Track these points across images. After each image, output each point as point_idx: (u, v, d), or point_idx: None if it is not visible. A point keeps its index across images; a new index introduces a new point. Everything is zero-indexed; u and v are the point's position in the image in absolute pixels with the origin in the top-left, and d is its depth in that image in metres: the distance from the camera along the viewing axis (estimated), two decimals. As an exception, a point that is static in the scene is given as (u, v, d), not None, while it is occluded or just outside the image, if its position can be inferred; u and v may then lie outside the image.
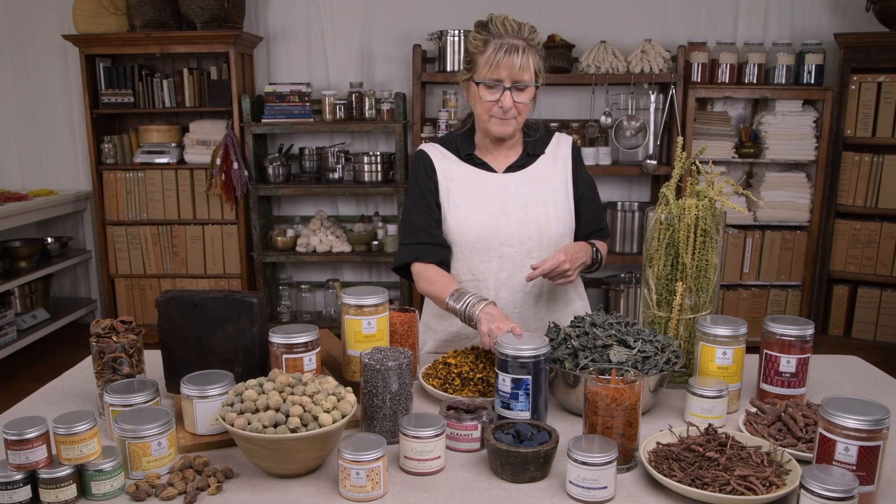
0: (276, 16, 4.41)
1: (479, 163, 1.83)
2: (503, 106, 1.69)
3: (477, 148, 1.85)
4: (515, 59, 1.65)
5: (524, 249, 1.80)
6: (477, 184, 1.81)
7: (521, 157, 1.84)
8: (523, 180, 1.82)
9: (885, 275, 4.10)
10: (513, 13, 1.80)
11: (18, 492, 1.14)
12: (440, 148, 1.87)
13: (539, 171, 1.84)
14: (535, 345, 1.36)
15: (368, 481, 1.16)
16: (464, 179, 1.82)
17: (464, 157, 1.84)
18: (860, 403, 1.15)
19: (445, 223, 1.82)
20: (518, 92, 1.69)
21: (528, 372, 1.35)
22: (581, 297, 1.98)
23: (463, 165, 1.83)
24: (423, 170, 1.84)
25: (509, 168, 1.83)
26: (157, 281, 4.34)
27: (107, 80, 4.19)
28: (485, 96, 1.70)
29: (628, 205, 4.29)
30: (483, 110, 1.73)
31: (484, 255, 1.80)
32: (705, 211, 1.55)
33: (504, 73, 1.66)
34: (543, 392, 1.38)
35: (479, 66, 1.69)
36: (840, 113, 3.99)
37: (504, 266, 1.80)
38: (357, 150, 4.47)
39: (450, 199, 1.81)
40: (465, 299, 1.63)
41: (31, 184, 4.61)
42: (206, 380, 1.36)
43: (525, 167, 1.83)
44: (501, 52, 1.65)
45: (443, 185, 1.83)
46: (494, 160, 1.84)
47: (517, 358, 1.35)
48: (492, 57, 1.66)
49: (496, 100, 1.69)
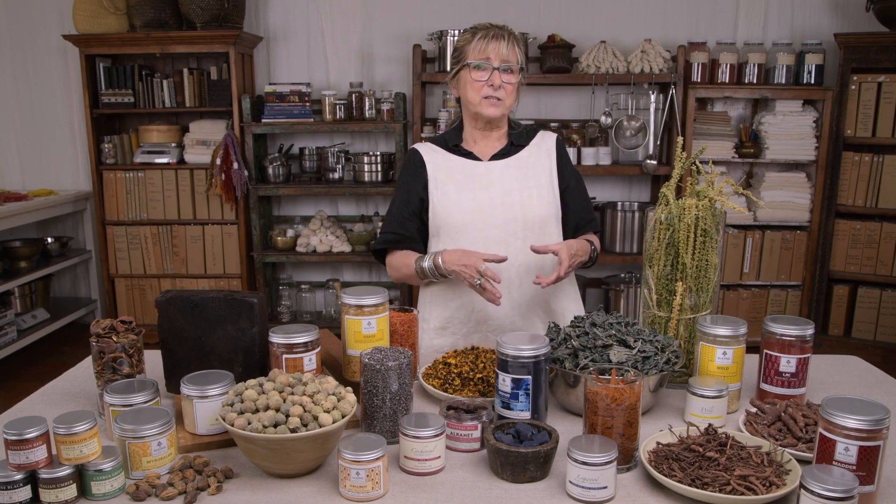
0: (276, 16, 4.40)
1: (466, 153, 1.94)
2: (493, 83, 1.80)
3: (464, 140, 1.96)
4: (502, 43, 1.80)
5: (509, 230, 1.88)
6: (463, 171, 1.92)
7: (505, 147, 1.94)
8: (508, 167, 1.92)
9: (885, 275, 4.10)
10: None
11: (18, 492, 1.14)
12: (430, 144, 1.99)
13: (523, 160, 1.94)
14: (535, 345, 1.36)
15: (368, 481, 1.16)
16: (451, 168, 1.92)
17: (451, 147, 1.95)
18: (860, 403, 1.15)
19: (433, 208, 1.91)
20: (505, 73, 1.81)
21: (528, 372, 1.35)
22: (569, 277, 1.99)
23: (450, 156, 1.94)
24: (412, 166, 1.95)
25: (494, 157, 1.93)
26: (157, 281, 4.34)
27: (107, 80, 4.19)
28: (476, 76, 1.81)
29: (628, 205, 4.29)
30: (474, 91, 1.83)
31: (470, 236, 1.88)
32: (705, 211, 1.55)
33: (492, 54, 1.80)
34: (543, 392, 1.38)
35: (468, 53, 1.83)
36: (840, 113, 3.99)
37: (490, 247, 1.86)
38: (357, 150, 4.47)
39: (437, 187, 1.91)
40: (427, 258, 1.83)
41: (31, 184, 4.61)
42: (206, 380, 1.36)
43: (509, 156, 1.94)
44: (488, 38, 1.80)
45: (432, 175, 1.92)
46: (480, 150, 1.94)
47: (517, 358, 1.35)
48: (479, 43, 1.81)
49: (486, 79, 1.80)
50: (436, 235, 1.92)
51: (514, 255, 1.85)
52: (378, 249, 1.98)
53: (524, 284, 1.88)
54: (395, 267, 1.94)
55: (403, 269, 1.91)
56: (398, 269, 1.93)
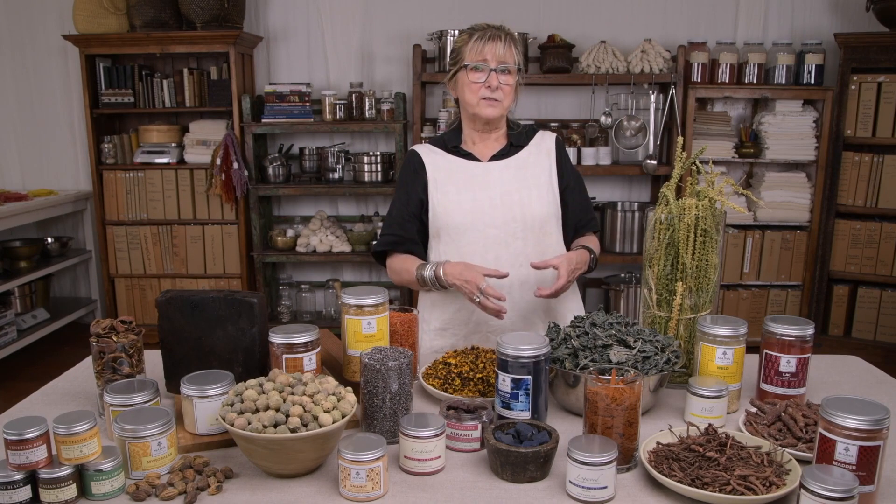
0: (276, 16, 4.40)
1: (465, 154, 1.94)
2: (490, 85, 1.80)
3: (463, 141, 1.95)
4: (499, 44, 1.80)
5: (509, 231, 1.88)
6: (462, 172, 1.91)
7: (504, 148, 1.94)
8: (507, 167, 1.92)
9: (885, 275, 4.10)
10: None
11: (18, 492, 1.14)
12: (429, 146, 1.99)
13: (522, 161, 1.93)
14: (535, 345, 1.36)
15: (368, 481, 1.16)
16: (451, 169, 1.92)
17: (450, 148, 1.94)
18: (860, 403, 1.15)
19: (433, 209, 1.91)
20: (503, 74, 1.81)
21: (528, 372, 1.35)
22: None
23: (450, 157, 1.94)
24: (411, 167, 1.95)
25: (493, 158, 1.93)
26: (157, 281, 4.34)
27: (107, 80, 4.19)
28: (473, 78, 1.82)
29: (628, 205, 4.29)
30: (472, 93, 1.83)
31: (470, 237, 1.88)
32: (705, 211, 1.55)
33: (489, 55, 1.80)
34: (543, 392, 1.38)
35: (465, 54, 1.83)
36: (840, 113, 3.99)
37: (490, 247, 1.87)
38: (357, 150, 4.47)
39: (437, 188, 1.91)
40: (428, 268, 1.81)
41: (31, 184, 4.61)
42: (206, 380, 1.36)
43: (509, 156, 1.93)
44: (485, 39, 1.80)
45: (431, 176, 1.92)
46: (479, 151, 1.94)
47: (517, 358, 1.35)
48: (476, 44, 1.81)
49: (483, 80, 1.80)
50: (436, 236, 1.92)
51: (514, 255, 1.85)
52: (378, 251, 1.98)
53: (525, 287, 1.88)
54: (396, 271, 1.93)
55: (404, 275, 1.90)
56: (398, 273, 1.92)
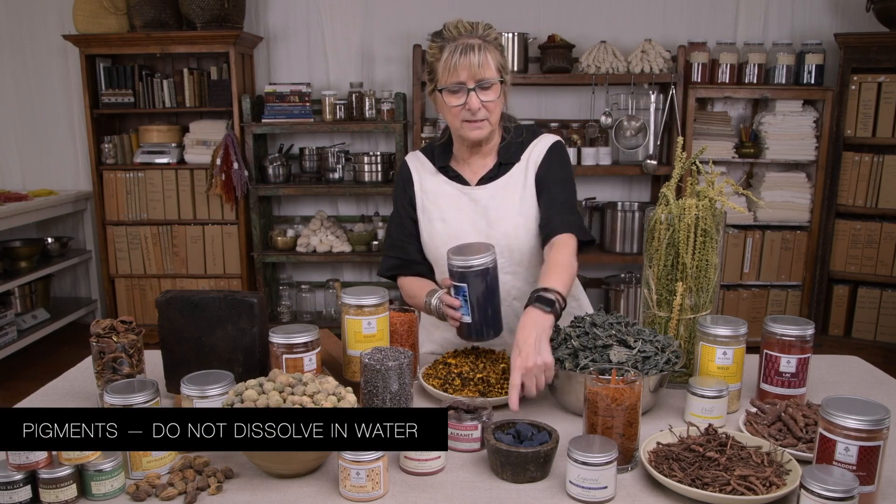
0: (276, 16, 4.41)
1: (454, 175, 1.81)
2: (470, 108, 1.64)
3: (453, 159, 1.83)
4: (473, 57, 1.61)
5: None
6: (448, 198, 1.80)
7: (494, 168, 1.79)
8: (496, 192, 1.78)
9: (885, 275, 4.10)
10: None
11: (18, 492, 1.14)
12: (422, 158, 1.87)
13: (512, 182, 1.79)
14: (466, 255, 1.51)
15: (368, 481, 1.16)
16: (437, 193, 1.82)
17: (438, 168, 1.83)
18: (860, 403, 1.15)
19: (422, 236, 1.84)
20: (483, 91, 1.64)
21: (461, 279, 1.52)
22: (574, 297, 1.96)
23: (438, 178, 1.82)
24: (402, 183, 1.87)
25: (482, 180, 1.79)
26: (157, 281, 4.34)
27: (107, 80, 4.19)
28: (450, 101, 1.66)
29: (628, 205, 4.29)
30: (452, 117, 1.69)
31: None
32: (705, 211, 1.55)
33: (464, 75, 1.62)
34: (487, 300, 1.53)
35: (439, 73, 1.66)
36: (840, 113, 3.99)
37: None
38: (357, 150, 4.47)
39: (423, 212, 1.83)
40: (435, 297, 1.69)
41: (32, 184, 4.61)
42: (206, 380, 1.36)
43: (498, 177, 1.79)
44: (457, 54, 1.62)
45: (419, 197, 1.84)
46: (469, 171, 1.81)
47: (454, 266, 1.52)
48: (448, 60, 1.62)
49: (462, 104, 1.65)
50: (432, 261, 1.86)
51: (504, 290, 1.72)
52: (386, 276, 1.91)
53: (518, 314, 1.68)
54: (409, 295, 1.84)
55: (416, 301, 1.80)
56: (412, 297, 1.83)
